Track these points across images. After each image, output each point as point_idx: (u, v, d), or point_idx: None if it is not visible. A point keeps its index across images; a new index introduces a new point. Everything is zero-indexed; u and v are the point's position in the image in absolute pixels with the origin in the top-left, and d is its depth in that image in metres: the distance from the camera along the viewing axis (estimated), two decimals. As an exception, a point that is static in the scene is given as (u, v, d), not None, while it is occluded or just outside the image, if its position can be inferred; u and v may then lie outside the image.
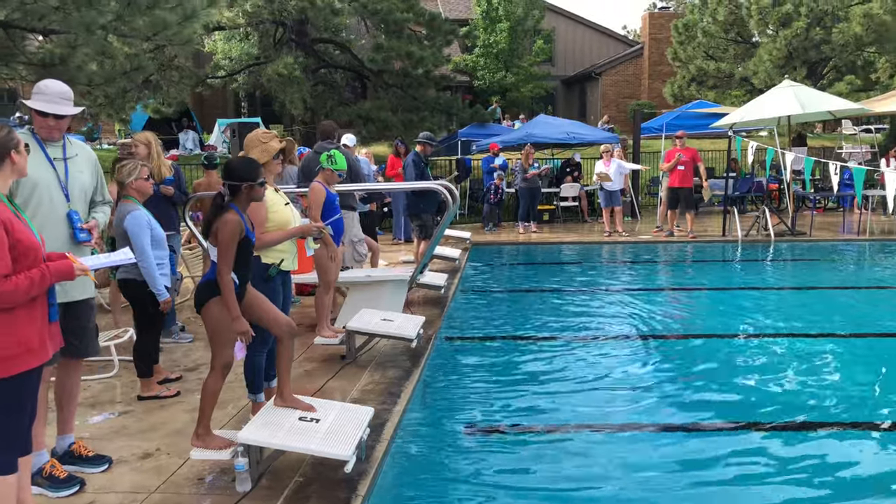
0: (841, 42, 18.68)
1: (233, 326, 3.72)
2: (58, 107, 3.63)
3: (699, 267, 11.37)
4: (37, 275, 2.82)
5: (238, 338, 3.79)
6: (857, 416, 5.02)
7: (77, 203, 3.75)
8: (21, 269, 2.81)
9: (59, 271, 2.92)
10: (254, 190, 3.84)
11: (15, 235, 2.80)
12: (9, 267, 2.76)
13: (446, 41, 20.09)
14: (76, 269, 2.97)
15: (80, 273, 3.00)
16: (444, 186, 6.71)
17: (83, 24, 6.71)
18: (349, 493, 3.68)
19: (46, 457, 3.73)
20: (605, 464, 4.34)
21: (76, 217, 3.68)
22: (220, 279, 3.64)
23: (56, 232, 3.62)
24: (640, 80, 32.46)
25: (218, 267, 3.64)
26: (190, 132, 23.05)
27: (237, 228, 3.67)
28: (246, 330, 3.74)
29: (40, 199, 3.59)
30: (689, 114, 17.18)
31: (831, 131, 28.43)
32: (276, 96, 18.77)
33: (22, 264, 2.82)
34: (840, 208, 16.12)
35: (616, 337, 7.15)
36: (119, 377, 5.58)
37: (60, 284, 3.23)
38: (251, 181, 3.80)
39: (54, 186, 3.65)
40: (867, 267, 11.17)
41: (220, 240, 3.65)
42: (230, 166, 3.86)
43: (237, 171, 3.81)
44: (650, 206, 17.36)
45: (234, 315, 3.70)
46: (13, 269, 2.79)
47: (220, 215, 3.69)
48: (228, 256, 3.64)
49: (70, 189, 3.72)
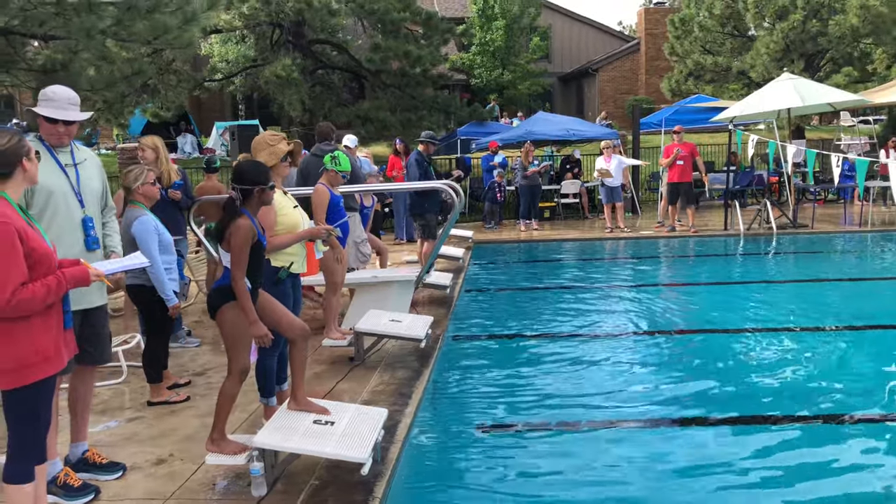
0: (838, 34, 18.67)
1: (251, 331, 3.70)
2: (67, 112, 3.61)
3: (702, 261, 11.37)
4: (53, 282, 2.81)
5: (254, 342, 3.78)
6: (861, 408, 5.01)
7: (91, 208, 3.73)
8: (37, 277, 2.80)
9: (74, 277, 2.91)
10: (265, 193, 3.82)
11: (29, 244, 2.79)
12: (25, 275, 2.75)
13: (443, 40, 20.09)
14: (91, 275, 2.96)
15: (96, 278, 2.99)
16: (449, 186, 6.69)
17: (83, 30, 6.69)
18: (366, 495, 3.66)
19: (60, 465, 3.71)
20: (619, 460, 4.33)
21: (90, 224, 3.66)
22: (235, 284, 3.62)
23: (73, 239, 3.60)
24: (637, 75, 32.46)
25: (232, 272, 3.63)
26: (188, 136, 23.03)
27: (249, 233, 3.65)
28: (264, 334, 3.73)
29: (56, 206, 3.56)
30: (687, 108, 17.18)
31: (828, 123, 28.44)
32: (274, 98, 18.75)
33: (38, 272, 2.80)
34: (841, 200, 16.12)
35: (623, 333, 7.15)
36: (128, 383, 5.56)
37: (79, 291, 3.22)
38: (262, 185, 3.78)
39: (69, 193, 3.63)
40: (870, 258, 11.17)
41: (232, 245, 3.63)
42: (240, 170, 3.83)
43: (248, 175, 3.79)
44: (650, 202, 17.37)
45: (251, 319, 3.68)
46: (29, 277, 2.77)
47: (233, 220, 3.67)
48: (242, 261, 3.63)
49: (83, 195, 3.69)
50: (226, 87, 21.20)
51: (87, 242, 3.66)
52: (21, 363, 2.80)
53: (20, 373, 2.81)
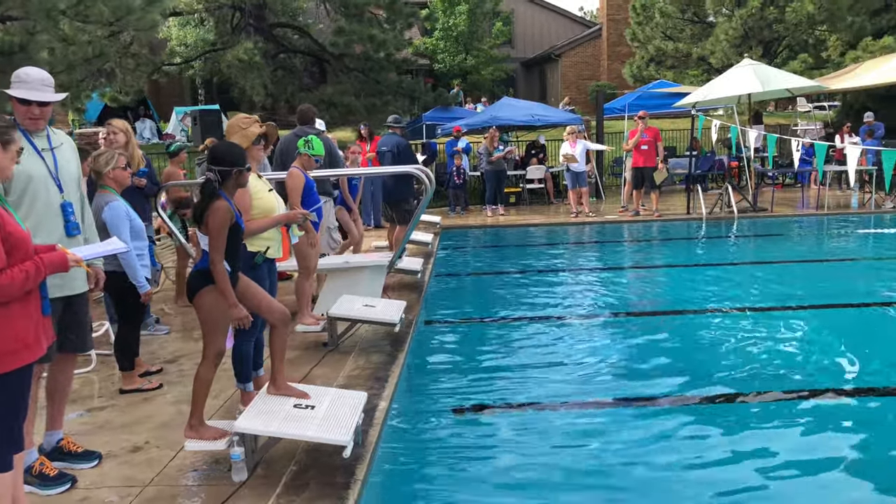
0: (794, 21, 19.06)
1: (230, 314, 3.68)
2: (41, 94, 3.51)
3: (666, 245, 11.57)
4: (31, 267, 2.75)
5: (232, 325, 3.75)
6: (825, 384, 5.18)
7: (70, 194, 3.65)
8: (14, 263, 2.73)
9: (53, 263, 2.85)
10: (241, 175, 3.78)
11: (6, 228, 2.72)
12: (3, 260, 2.69)
13: (407, 24, 19.95)
14: (70, 260, 2.90)
15: (74, 264, 2.93)
16: (422, 171, 6.69)
17: (43, 10, 6.49)
18: (347, 477, 3.68)
19: (35, 454, 3.65)
20: (592, 439, 4.42)
21: (70, 209, 3.59)
22: (214, 267, 3.58)
23: (52, 225, 3.52)
24: (599, 61, 32.68)
25: (210, 255, 3.59)
26: (147, 121, 22.54)
27: (227, 215, 3.62)
28: (245, 316, 3.70)
29: (36, 192, 3.47)
30: (650, 94, 17.39)
31: (784, 109, 29.02)
32: (235, 82, 18.44)
33: (14, 257, 2.74)
34: (798, 184, 16.52)
35: (590, 315, 7.25)
36: (97, 371, 5.46)
37: (62, 277, 3.15)
38: (240, 166, 3.75)
39: (48, 178, 3.54)
40: (827, 240, 11.49)
41: (210, 228, 3.59)
42: (217, 152, 3.78)
43: (226, 156, 3.74)
44: (614, 187, 17.56)
45: (231, 302, 3.65)
46: (7, 263, 2.71)
47: (211, 203, 3.63)
48: (220, 244, 3.59)
49: (62, 179, 3.61)
50: (185, 71, 20.77)
51: (67, 228, 3.58)
52: (1, 350, 2.74)
53: (1, 360, 2.75)
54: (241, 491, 3.57)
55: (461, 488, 3.95)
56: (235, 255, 3.77)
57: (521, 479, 3.98)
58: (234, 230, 3.69)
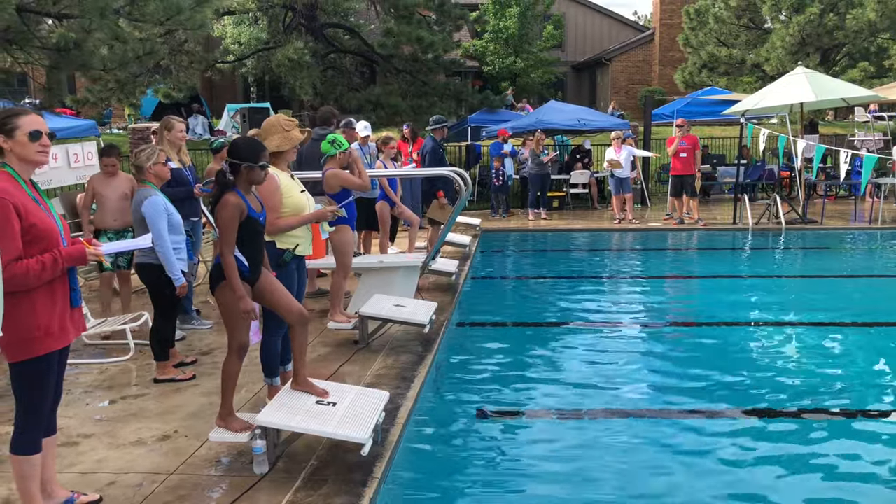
0: (855, 28, 18.52)
1: (236, 305, 3.73)
2: None
3: (709, 255, 11.35)
4: (49, 259, 2.84)
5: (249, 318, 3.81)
6: (868, 404, 5.04)
7: None
8: (35, 253, 2.82)
9: (71, 256, 2.93)
10: (252, 171, 3.78)
11: (29, 219, 2.81)
12: (19, 250, 2.77)
13: (456, 26, 20.01)
14: (89, 255, 2.98)
15: (93, 258, 3.01)
16: (457, 172, 6.71)
17: (97, 9, 6.72)
18: (365, 475, 3.72)
19: None
20: (618, 448, 4.37)
21: None
22: (223, 259, 3.66)
23: None
24: (650, 66, 32.23)
25: (220, 247, 3.67)
26: (200, 117, 23.04)
27: (236, 210, 3.66)
28: (250, 309, 3.75)
29: None
30: (700, 100, 17.07)
31: (843, 119, 28.21)
32: (285, 81, 18.75)
33: (36, 248, 2.83)
34: (852, 196, 16.02)
35: (626, 324, 7.17)
36: (135, 360, 5.63)
37: None
38: (251, 163, 3.77)
39: None
40: (879, 255, 11.13)
41: (219, 221, 3.66)
42: (235, 145, 3.84)
43: (241, 151, 3.78)
44: (660, 194, 17.29)
45: (238, 294, 3.70)
46: (28, 253, 2.80)
47: (221, 196, 3.70)
48: (228, 237, 3.66)
49: None
50: (238, 69, 21.20)
51: None
52: (23, 336, 2.84)
53: (23, 346, 2.86)
54: (260, 483, 3.65)
55: (479, 492, 3.95)
56: (254, 250, 3.82)
57: (539, 489, 3.95)
58: (249, 224, 3.73)
